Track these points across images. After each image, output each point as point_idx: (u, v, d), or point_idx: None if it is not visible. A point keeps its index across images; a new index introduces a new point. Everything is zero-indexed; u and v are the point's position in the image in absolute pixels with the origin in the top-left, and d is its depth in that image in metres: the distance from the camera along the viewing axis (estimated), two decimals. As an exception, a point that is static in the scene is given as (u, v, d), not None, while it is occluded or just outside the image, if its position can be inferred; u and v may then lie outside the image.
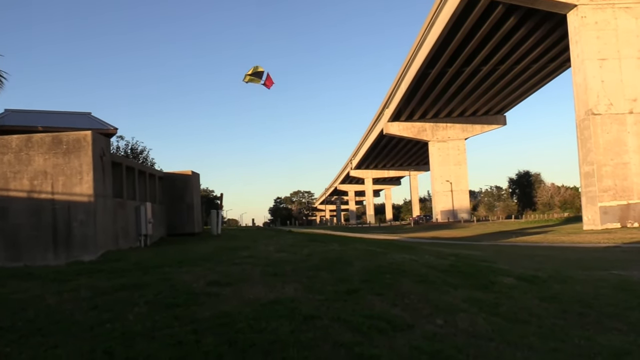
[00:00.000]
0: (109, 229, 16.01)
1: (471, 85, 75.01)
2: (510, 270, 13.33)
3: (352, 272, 10.73)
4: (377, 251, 15.20)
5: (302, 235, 23.27)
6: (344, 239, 21.76)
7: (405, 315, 7.53)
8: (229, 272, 10.51)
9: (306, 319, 6.95)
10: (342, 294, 8.53)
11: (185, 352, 5.61)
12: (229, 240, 19.98)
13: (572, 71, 43.15)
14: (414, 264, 12.65)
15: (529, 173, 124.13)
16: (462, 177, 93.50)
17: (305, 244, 17.03)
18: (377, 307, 7.83)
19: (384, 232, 62.86)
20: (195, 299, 7.96)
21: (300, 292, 8.72)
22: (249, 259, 12.79)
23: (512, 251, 24.88)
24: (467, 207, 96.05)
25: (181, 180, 23.98)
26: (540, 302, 9.20)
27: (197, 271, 10.66)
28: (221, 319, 6.83)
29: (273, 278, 9.92)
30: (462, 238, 43.51)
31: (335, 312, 7.34)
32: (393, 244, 22.84)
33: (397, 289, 9.24)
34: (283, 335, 6.16)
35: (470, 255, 18.45)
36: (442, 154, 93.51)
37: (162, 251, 15.47)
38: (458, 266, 12.96)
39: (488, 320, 7.53)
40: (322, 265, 11.52)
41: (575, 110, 42.49)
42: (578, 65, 41.68)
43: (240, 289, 8.81)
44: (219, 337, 6.06)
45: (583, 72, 40.85)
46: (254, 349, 5.72)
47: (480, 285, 10.36)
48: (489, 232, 51.90)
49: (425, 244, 31.38)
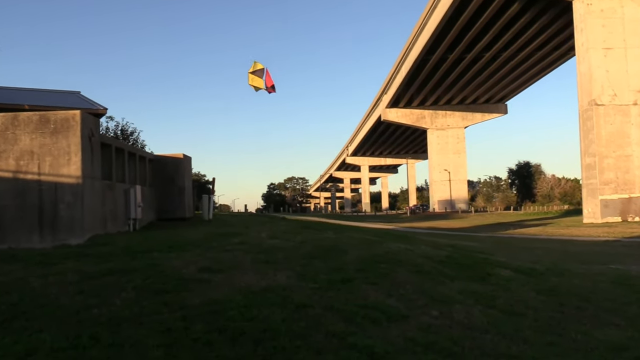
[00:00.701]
0: (97, 212, 15.97)
1: (472, 73, 74.96)
2: (507, 262, 13.38)
3: (346, 261, 10.75)
4: (373, 240, 15.22)
5: (296, 222, 23.29)
6: (339, 227, 21.78)
7: (400, 305, 7.55)
8: (220, 259, 10.52)
9: (298, 307, 6.96)
10: (336, 283, 8.55)
11: (173, 339, 5.61)
12: (221, 226, 19.97)
13: (576, 60, 43.08)
14: (409, 254, 12.68)
15: (529, 164, 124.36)
16: (460, 167, 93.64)
17: (299, 231, 17.03)
18: (371, 297, 7.85)
19: (380, 221, 63.01)
20: (185, 285, 7.96)
21: (293, 280, 8.73)
22: (241, 245, 12.78)
23: (510, 243, 24.98)
24: (465, 198, 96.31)
25: (172, 163, 23.90)
26: (537, 295, 9.24)
27: (187, 257, 10.66)
28: (211, 306, 6.84)
29: (265, 265, 9.93)
30: (459, 229, 43.65)
31: (329, 301, 7.36)
32: (389, 233, 22.90)
33: (392, 279, 9.26)
34: (274, 324, 6.17)
35: (467, 247, 18.51)
36: (441, 142, 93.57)
37: (151, 236, 15.45)
38: (455, 257, 13.00)
39: (484, 313, 7.57)
40: (315, 253, 11.53)
41: (578, 100, 42.49)
42: (582, 54, 41.63)
43: (231, 276, 8.82)
44: (209, 325, 6.07)
45: (587, 61, 40.81)
46: (245, 338, 5.74)
47: (477, 277, 10.40)
48: (487, 224, 52.08)
49: (421, 234, 31.46)
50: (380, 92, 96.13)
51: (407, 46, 73.35)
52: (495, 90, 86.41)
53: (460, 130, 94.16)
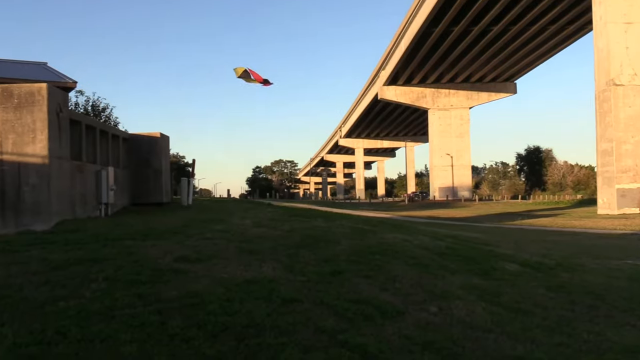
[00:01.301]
0: (65, 196, 15.91)
1: (479, 48, 74.83)
2: (514, 255, 13.46)
3: (337, 252, 10.78)
4: (366, 229, 15.26)
5: (283, 209, 23.27)
6: (330, 215, 21.82)
7: (396, 301, 7.59)
8: (199, 248, 10.52)
9: (285, 301, 6.99)
10: (326, 276, 8.58)
11: (148, 334, 5.62)
12: (201, 212, 19.95)
13: (593, 35, 42.99)
14: (407, 244, 12.72)
15: (540, 149, 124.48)
16: (464, 151, 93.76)
17: (286, 218, 17.05)
18: (364, 291, 7.88)
19: (375, 209, 63.13)
20: (161, 276, 7.96)
21: (280, 271, 8.76)
22: (223, 233, 12.78)
23: (517, 235, 25.11)
24: (469, 185, 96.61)
25: (148, 143, 23.80)
26: (546, 291, 9.30)
27: (164, 245, 10.65)
28: (190, 299, 6.85)
29: (249, 255, 9.94)
30: (461, 218, 43.83)
31: (318, 295, 7.39)
32: (384, 222, 22.93)
33: (387, 271, 9.30)
34: (259, 319, 6.19)
35: (470, 238, 18.59)
36: (443, 123, 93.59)
37: (124, 222, 15.42)
38: (456, 249, 13.07)
39: (487, 310, 7.61)
40: (304, 243, 11.55)
41: (595, 79, 42.43)
42: (600, 29, 41.54)
43: (212, 267, 8.83)
44: (187, 319, 6.08)
45: (606, 36, 40.73)
46: (226, 333, 5.75)
47: (480, 271, 10.45)
48: (492, 213, 52.28)
49: (420, 223, 31.57)
50: (377, 68, 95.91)
51: (407, 17, 73.10)
52: (504, 68, 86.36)
53: (465, 111, 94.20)
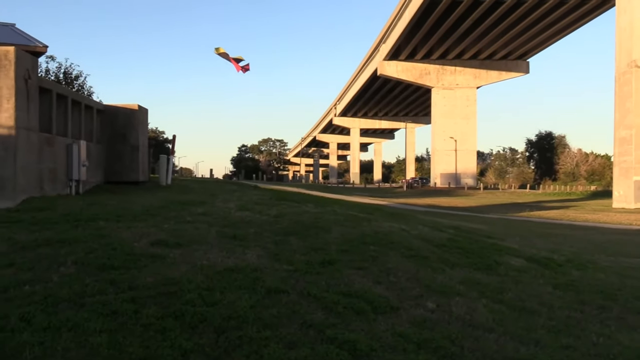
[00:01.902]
0: (32, 171, 15.86)
1: (489, 21, 74.66)
2: (520, 249, 13.53)
3: (328, 240, 10.81)
4: (361, 217, 15.30)
5: (271, 192, 23.27)
6: (322, 200, 21.85)
7: (390, 295, 7.62)
8: (178, 231, 10.53)
9: (270, 292, 7.01)
10: (315, 266, 8.61)
11: (120, 324, 5.63)
12: (181, 193, 19.95)
13: (615, 12, 42.77)
14: (404, 235, 12.76)
15: (552, 135, 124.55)
16: (469, 134, 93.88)
17: (274, 202, 17.06)
18: (356, 284, 7.91)
19: (371, 195, 63.16)
20: (136, 261, 7.97)
21: (265, 259, 8.78)
22: (204, 216, 12.80)
23: (524, 227, 25.19)
24: (474, 172, 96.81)
25: (125, 115, 23.68)
26: (553, 289, 9.36)
27: (140, 228, 10.66)
28: (167, 286, 6.87)
29: (232, 241, 9.96)
30: (464, 208, 43.90)
31: (306, 287, 7.42)
32: (380, 209, 22.97)
33: (382, 263, 9.34)
34: (241, 310, 6.21)
35: (473, 229, 18.66)
36: (448, 104, 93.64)
37: (97, 201, 15.39)
38: (457, 241, 13.11)
39: (489, 308, 7.66)
40: (292, 230, 11.58)
41: (615, 60, 42.23)
42: (624, 5, 41.32)
43: (191, 252, 8.85)
44: (163, 309, 6.09)
45: (630, 13, 40.52)
46: (205, 325, 5.77)
47: (483, 266, 10.50)
48: (497, 203, 52.42)
49: (419, 212, 31.62)
50: (377, 41, 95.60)
51: (412, -14, 72.82)
52: (516, 45, 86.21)
53: (471, 91, 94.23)
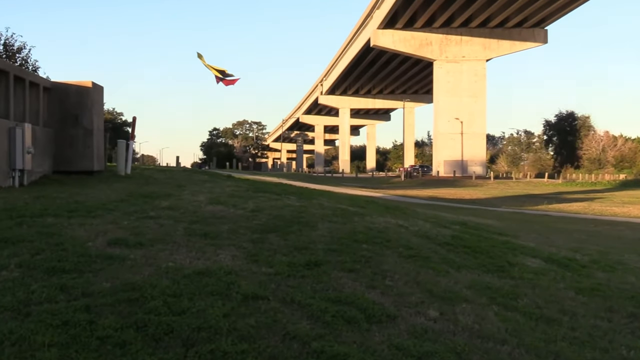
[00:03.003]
0: (-33, 158, 15.76)
1: (501, -17, 74.65)
2: (537, 248, 13.61)
3: (314, 238, 10.83)
4: (352, 211, 15.32)
5: (247, 183, 23.24)
6: (306, 192, 21.83)
7: (386, 301, 7.65)
8: (140, 228, 10.52)
9: (247, 298, 7.02)
10: (299, 268, 8.62)
11: (72, 337, 5.61)
12: (143, 184, 19.88)
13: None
14: (401, 231, 12.80)
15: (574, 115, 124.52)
16: (478, 115, 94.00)
17: (251, 195, 17.04)
18: (347, 289, 7.93)
19: (363, 186, 63.24)
20: (91, 264, 7.95)
21: (241, 261, 8.79)
22: (170, 211, 12.78)
23: (541, 223, 25.32)
24: (483, 158, 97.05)
25: (77, 94, 23.50)
26: (576, 295, 9.42)
27: (95, 225, 10.63)
28: (127, 293, 6.85)
29: (202, 240, 9.96)
30: (472, 200, 44.08)
31: (288, 292, 7.42)
32: (374, 202, 23.00)
33: (376, 264, 9.36)
34: (213, 320, 6.21)
35: (482, 225, 18.73)
36: (453, 79, 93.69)
37: (45, 194, 15.31)
38: (464, 239, 13.17)
39: (501, 316, 7.70)
40: (272, 226, 11.59)
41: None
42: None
43: (155, 253, 8.84)
44: (123, 319, 6.09)
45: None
46: (172, 337, 5.76)
47: (494, 267, 10.56)
48: (511, 195, 52.67)
49: (419, 205, 31.71)
50: (370, 6, 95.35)
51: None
52: (532, 9, 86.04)
53: (480, 64, 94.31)
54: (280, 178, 51.08)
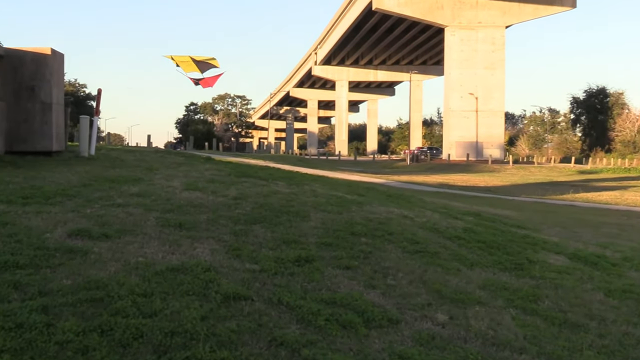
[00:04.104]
0: None
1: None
2: (561, 244, 13.64)
3: (305, 230, 10.85)
4: (349, 199, 15.33)
5: (229, 167, 23.20)
6: (297, 177, 21.80)
7: (388, 303, 7.68)
8: (105, 218, 10.51)
9: (228, 299, 7.04)
10: (288, 264, 8.65)
11: (27, 341, 5.61)
12: (109, 167, 19.83)
13: None
14: (406, 223, 12.83)
15: (605, 91, 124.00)
16: (495, 89, 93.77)
17: (233, 180, 17.03)
18: (342, 288, 7.96)
19: (363, 170, 63.24)
20: (48, 258, 7.95)
21: (221, 256, 8.81)
22: (140, 198, 12.76)
23: (566, 214, 25.34)
24: (500, 140, 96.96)
25: (33, 62, 23.42)
26: (605, 297, 9.45)
27: (54, 213, 10.62)
28: (90, 291, 6.86)
29: (177, 231, 9.98)
30: (487, 188, 44.13)
31: (275, 292, 7.45)
32: (375, 189, 23.01)
33: (376, 261, 9.40)
34: (189, 324, 6.22)
35: (499, 216, 18.76)
36: (467, 48, 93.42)
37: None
38: (477, 232, 13.20)
39: (520, 321, 7.73)
40: (257, 216, 11.61)
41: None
42: None
43: (122, 246, 8.85)
44: (85, 321, 6.09)
45: None
46: (141, 343, 5.77)
47: (511, 265, 10.59)
48: (532, 182, 52.71)
49: (427, 193, 31.72)
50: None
51: None
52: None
53: (498, 31, 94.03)
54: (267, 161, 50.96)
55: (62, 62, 25.03)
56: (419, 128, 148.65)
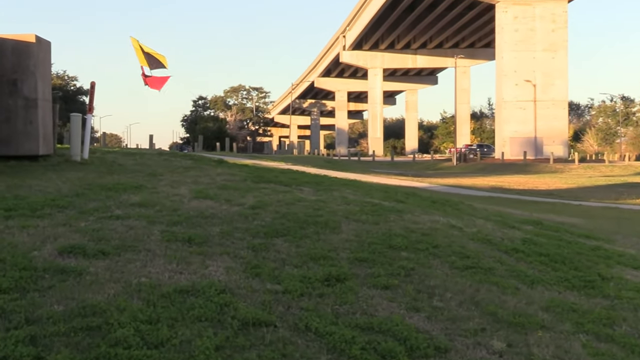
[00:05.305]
0: None
1: None
2: (639, 257, 13.54)
3: (336, 244, 10.85)
4: (386, 207, 15.31)
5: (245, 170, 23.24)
6: (324, 181, 21.79)
7: (434, 328, 7.66)
8: (102, 232, 10.53)
9: (246, 325, 7.04)
10: (316, 283, 8.65)
11: (13, 378, 5.66)
12: (105, 173, 19.90)
13: None
14: (454, 234, 12.80)
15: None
16: (557, 75, 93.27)
17: (250, 186, 17.06)
18: (380, 311, 7.95)
19: (401, 173, 63.20)
20: (36, 280, 7.98)
21: (238, 275, 8.82)
22: (142, 208, 12.79)
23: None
24: (564, 135, 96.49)
25: (15, 52, 23.54)
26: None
27: (42, 227, 10.66)
28: (85, 318, 6.88)
29: (186, 247, 10.00)
30: (549, 192, 43.93)
31: (302, 317, 7.45)
32: (417, 194, 22.98)
33: (420, 279, 9.38)
34: (201, 355, 6.23)
35: (563, 225, 18.68)
36: (522, 27, 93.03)
37: (-28, 187, 15.43)
38: (539, 243, 13.15)
39: (591, 348, 7.68)
40: (280, 228, 11.60)
41: None
42: None
43: (122, 265, 8.87)
44: (80, 353, 6.11)
45: None
46: (146, 379, 5.80)
47: (580, 282, 10.54)
48: (602, 184, 52.46)
49: (478, 198, 31.66)
50: None
51: None
52: None
53: (560, 6, 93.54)
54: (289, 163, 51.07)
55: (49, 52, 25.14)
56: (466, 122, 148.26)
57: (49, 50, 25.09)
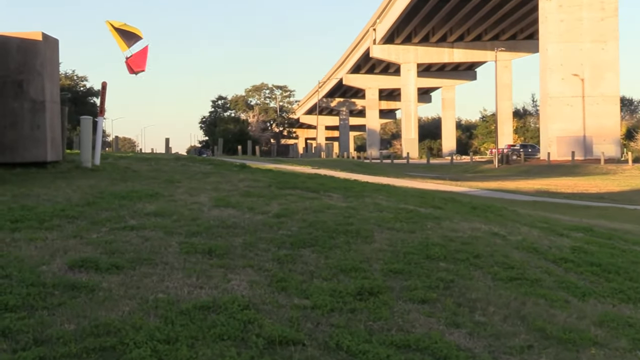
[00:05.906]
0: None
1: None
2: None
3: (368, 254, 10.83)
4: (422, 214, 15.29)
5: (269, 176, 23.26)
6: (355, 187, 21.77)
7: (477, 346, 7.64)
8: (115, 245, 10.55)
9: (272, 344, 7.04)
10: (347, 298, 8.64)
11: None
12: (118, 180, 19.95)
13: None
14: (496, 242, 12.76)
15: None
16: (607, 69, 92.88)
17: (274, 192, 17.06)
18: (418, 327, 7.93)
19: (438, 176, 63.10)
20: (45, 297, 8.00)
21: (262, 289, 8.82)
22: (158, 218, 12.82)
23: None
24: (616, 133, 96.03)
25: (21, 51, 23.60)
26: None
27: (51, 240, 10.70)
28: (98, 338, 6.89)
29: (206, 259, 10.00)
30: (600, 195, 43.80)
31: (332, 334, 7.44)
32: (456, 200, 22.91)
33: (460, 292, 9.36)
34: (225, 377, 6.24)
35: (617, 232, 18.59)
36: (568, 17, 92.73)
37: (-24, 196, 15.50)
38: (590, 252, 13.08)
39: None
40: (307, 238, 11.60)
41: None
42: None
43: (138, 280, 8.89)
44: (94, 377, 6.13)
45: None
46: (165, 403, 5.80)
47: (637, 294, 10.48)
48: (658, 186, 52.14)
49: (522, 203, 31.56)
50: None
51: None
52: None
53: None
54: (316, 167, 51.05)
55: (57, 50, 25.19)
56: (508, 121, 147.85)
57: (57, 48, 25.12)
